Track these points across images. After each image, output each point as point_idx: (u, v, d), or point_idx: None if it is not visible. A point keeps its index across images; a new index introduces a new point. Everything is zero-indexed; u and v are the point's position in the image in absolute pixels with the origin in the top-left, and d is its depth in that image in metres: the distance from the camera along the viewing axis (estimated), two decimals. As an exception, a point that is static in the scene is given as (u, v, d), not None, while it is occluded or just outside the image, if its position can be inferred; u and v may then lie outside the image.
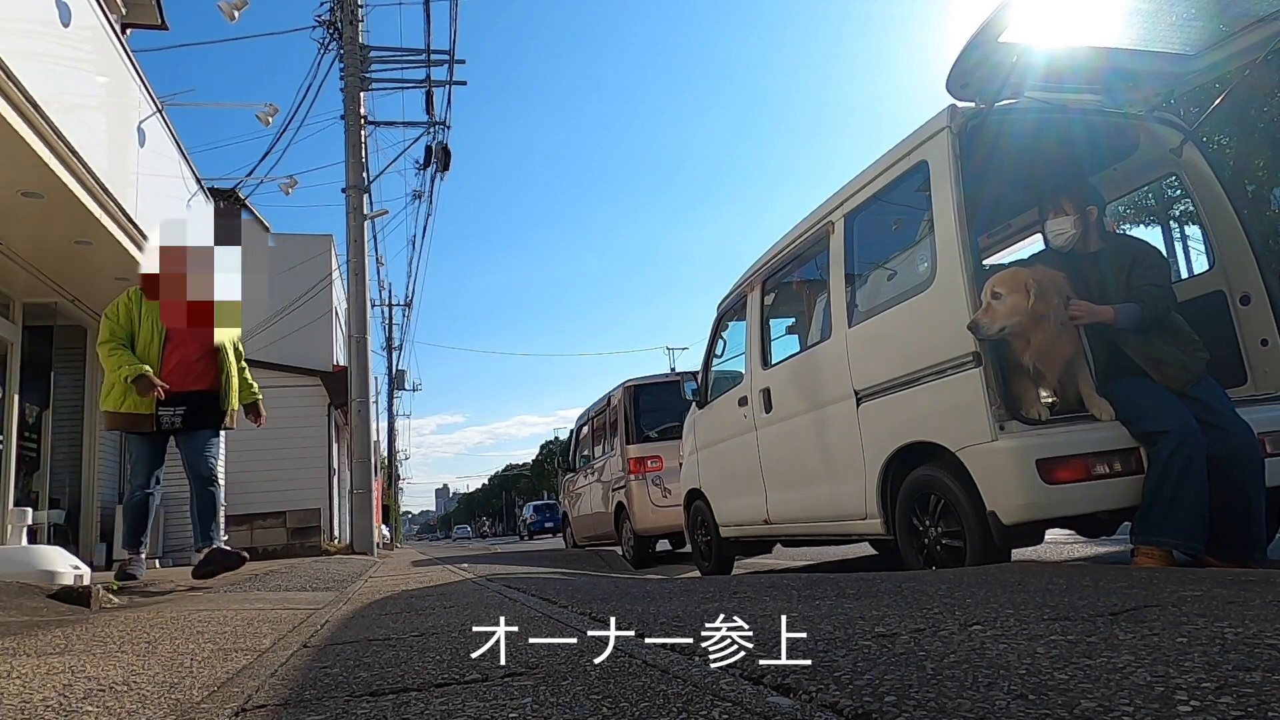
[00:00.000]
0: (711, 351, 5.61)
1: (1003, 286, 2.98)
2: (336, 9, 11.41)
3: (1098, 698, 0.97)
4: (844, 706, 1.03)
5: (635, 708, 1.15)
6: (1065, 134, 3.53)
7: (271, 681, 1.61)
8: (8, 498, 6.46)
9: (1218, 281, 3.49)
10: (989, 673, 1.14)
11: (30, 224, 5.84)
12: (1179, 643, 1.24)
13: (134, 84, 6.66)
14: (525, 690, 1.33)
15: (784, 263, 4.62)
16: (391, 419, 30.85)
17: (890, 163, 3.56)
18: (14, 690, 1.58)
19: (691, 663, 1.42)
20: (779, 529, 4.65)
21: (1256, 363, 3.35)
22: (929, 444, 3.25)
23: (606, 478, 9.20)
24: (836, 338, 3.88)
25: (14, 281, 6.71)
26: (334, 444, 15.56)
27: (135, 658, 1.99)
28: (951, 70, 3.09)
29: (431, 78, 12.36)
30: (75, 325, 7.98)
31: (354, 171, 11.06)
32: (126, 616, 3.05)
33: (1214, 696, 0.94)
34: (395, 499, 32.08)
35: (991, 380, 2.94)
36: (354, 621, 2.71)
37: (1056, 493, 2.80)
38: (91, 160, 5.42)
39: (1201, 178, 3.52)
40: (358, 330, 10.95)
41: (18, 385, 6.71)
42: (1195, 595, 1.73)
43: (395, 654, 1.85)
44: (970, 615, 1.64)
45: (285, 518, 11.95)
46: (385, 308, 28.31)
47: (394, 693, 1.41)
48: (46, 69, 4.85)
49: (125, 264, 6.69)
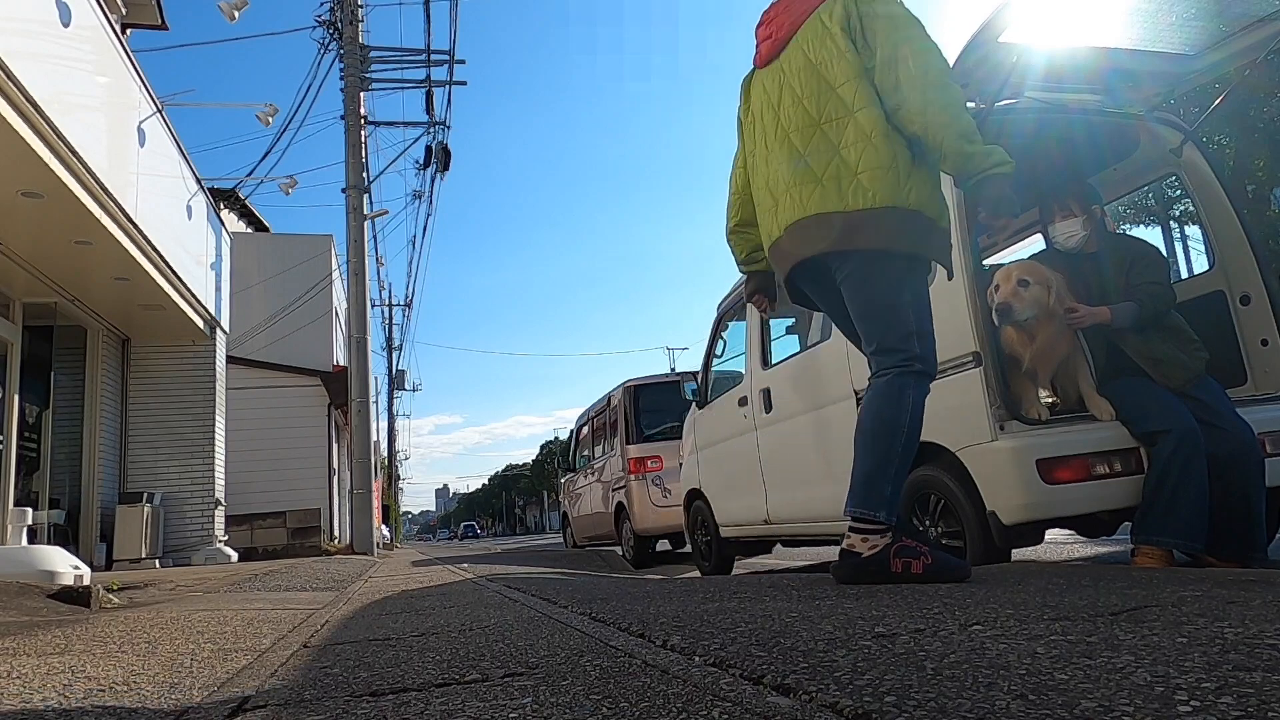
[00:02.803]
0: (711, 351, 5.61)
1: (1030, 276, 3.03)
2: (336, 9, 11.42)
3: (1098, 698, 0.97)
4: (844, 706, 1.03)
5: (635, 708, 1.15)
6: (1065, 134, 3.52)
7: (271, 681, 1.61)
8: (8, 498, 6.46)
9: (1218, 281, 3.49)
10: (989, 673, 1.14)
11: (30, 224, 5.84)
12: (1179, 643, 1.24)
13: (134, 84, 6.66)
14: (525, 690, 1.33)
15: (784, 263, 4.61)
16: (391, 419, 30.91)
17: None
18: (14, 690, 1.58)
19: (691, 663, 1.42)
20: (779, 529, 4.65)
21: (1256, 363, 3.35)
22: (929, 444, 3.25)
23: (606, 478, 9.20)
24: (837, 338, 3.88)
25: (14, 281, 6.71)
26: (334, 444, 15.57)
27: (135, 658, 1.99)
28: (952, 70, 3.09)
29: (431, 78, 12.39)
30: (75, 325, 7.98)
31: (354, 171, 11.07)
32: (126, 616, 3.05)
33: (1214, 696, 0.94)
34: (395, 499, 32.08)
35: (991, 380, 2.94)
36: (354, 621, 2.71)
37: (1057, 493, 2.80)
38: (91, 160, 5.43)
39: (1201, 178, 3.51)
40: (358, 330, 10.95)
41: (18, 385, 6.71)
42: (1195, 595, 1.73)
43: (395, 654, 1.85)
44: (970, 615, 1.64)
45: (285, 518, 11.95)
46: (385, 308, 28.36)
47: (394, 693, 1.41)
48: (46, 69, 4.86)
49: (125, 264, 6.70)
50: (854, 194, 2.23)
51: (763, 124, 2.50)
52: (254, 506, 11.98)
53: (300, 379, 14.86)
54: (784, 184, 2.36)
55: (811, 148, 2.30)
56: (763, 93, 2.51)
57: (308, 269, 16.64)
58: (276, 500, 12.86)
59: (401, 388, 31.14)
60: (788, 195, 2.35)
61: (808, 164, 2.29)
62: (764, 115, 2.50)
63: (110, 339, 8.60)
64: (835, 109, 2.28)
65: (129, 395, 8.94)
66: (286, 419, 14.54)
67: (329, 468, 14.92)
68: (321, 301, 16.68)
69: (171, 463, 8.97)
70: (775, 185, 2.41)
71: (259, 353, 15.06)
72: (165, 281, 7.41)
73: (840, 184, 2.25)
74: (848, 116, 2.26)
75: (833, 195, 2.26)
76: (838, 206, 2.25)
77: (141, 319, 8.35)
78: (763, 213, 2.53)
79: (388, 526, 24.24)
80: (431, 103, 12.69)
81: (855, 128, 2.25)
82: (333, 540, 13.85)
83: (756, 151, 2.55)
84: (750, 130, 2.62)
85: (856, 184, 2.23)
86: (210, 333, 9.21)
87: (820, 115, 2.31)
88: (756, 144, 2.55)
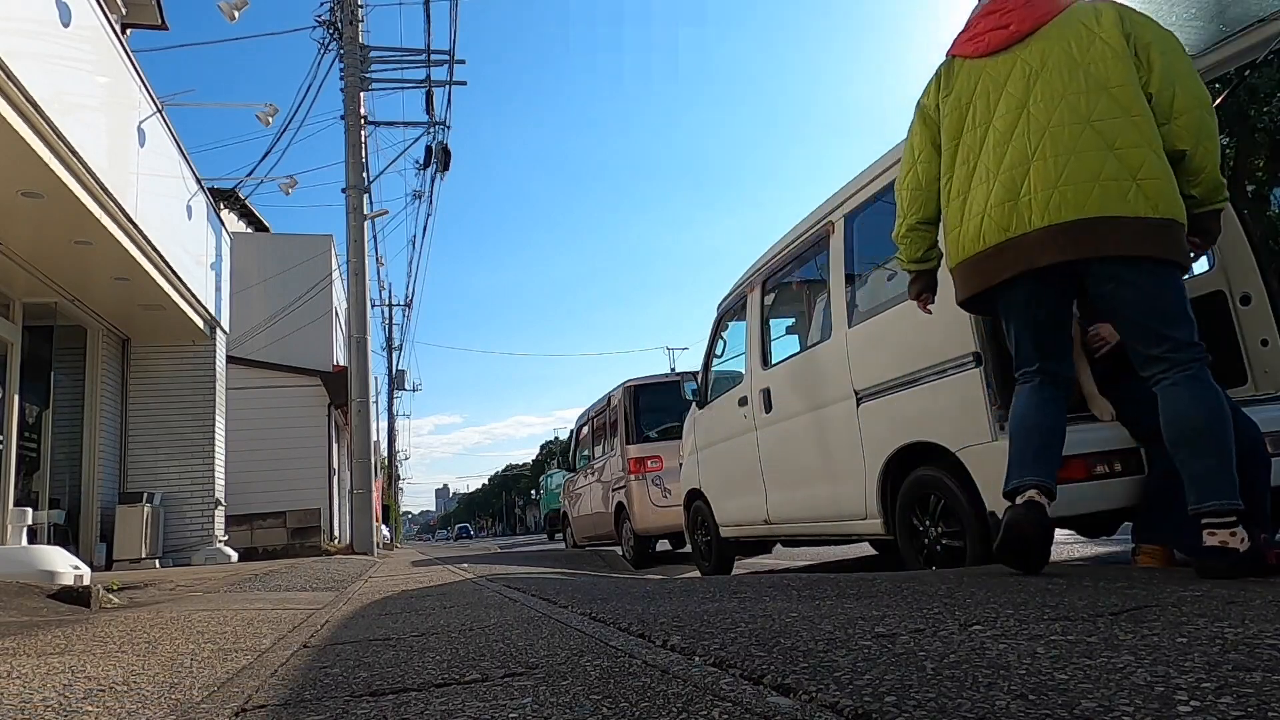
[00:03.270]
0: (711, 352, 5.61)
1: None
2: (336, 9, 11.42)
3: (1098, 698, 0.97)
4: (844, 706, 1.03)
5: (635, 708, 1.15)
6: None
7: (271, 681, 1.61)
8: (8, 498, 6.45)
9: (1218, 281, 3.48)
10: (989, 673, 1.14)
11: (30, 224, 5.84)
12: (1179, 643, 1.24)
13: (134, 84, 6.66)
14: (525, 690, 1.33)
15: (784, 263, 4.62)
16: (391, 419, 30.89)
17: (891, 163, 3.55)
18: (14, 690, 1.58)
19: (691, 663, 1.42)
20: (779, 529, 4.65)
21: (1256, 363, 3.35)
22: (929, 444, 3.25)
23: (607, 478, 9.20)
24: (836, 338, 3.88)
25: (14, 281, 6.71)
26: (334, 444, 15.57)
27: (135, 658, 1.99)
28: None
29: (431, 78, 12.38)
30: (75, 325, 7.98)
31: (354, 171, 11.07)
32: (126, 616, 3.05)
33: (1214, 696, 0.94)
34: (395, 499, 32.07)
35: (992, 380, 2.95)
36: (354, 621, 2.71)
37: (1057, 493, 2.80)
38: (91, 160, 5.42)
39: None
40: (358, 330, 10.95)
41: (18, 385, 6.71)
42: (1195, 595, 1.73)
43: (395, 654, 1.85)
44: (970, 615, 1.64)
45: (285, 518, 11.95)
46: (385, 308, 28.34)
47: (394, 693, 1.41)
48: (46, 69, 4.86)
49: (125, 264, 6.70)
50: (1138, 200, 2.20)
51: (986, 111, 2.42)
52: (254, 506, 11.98)
53: (300, 379, 14.85)
54: (1041, 178, 2.29)
55: (1082, 144, 2.26)
56: (988, 80, 2.44)
57: (308, 269, 16.64)
58: (276, 500, 12.86)
59: (401, 388, 31.15)
60: (1046, 191, 2.28)
61: (1080, 160, 2.25)
62: (990, 103, 2.43)
63: (110, 339, 8.60)
64: (1109, 109, 2.26)
65: (129, 395, 8.94)
66: (286, 419, 14.54)
67: (329, 468, 14.92)
68: (321, 301, 16.68)
69: (171, 463, 8.97)
70: (1014, 177, 2.33)
71: (259, 353, 15.05)
72: (165, 281, 7.41)
73: (1122, 186, 2.22)
74: (1125, 118, 2.25)
75: (1114, 198, 2.21)
76: (1125, 211, 2.21)
77: (141, 319, 8.36)
78: (983, 204, 2.40)
79: (388, 526, 24.23)
80: (431, 103, 12.70)
81: (1135, 131, 2.24)
82: (333, 540, 13.84)
83: (970, 140, 2.45)
84: (956, 117, 2.51)
85: (1138, 190, 2.21)
86: (210, 333, 9.21)
87: (1090, 113, 2.27)
88: (973, 131, 2.45)
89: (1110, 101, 2.27)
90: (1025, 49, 2.41)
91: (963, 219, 2.49)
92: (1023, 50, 2.41)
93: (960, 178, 2.50)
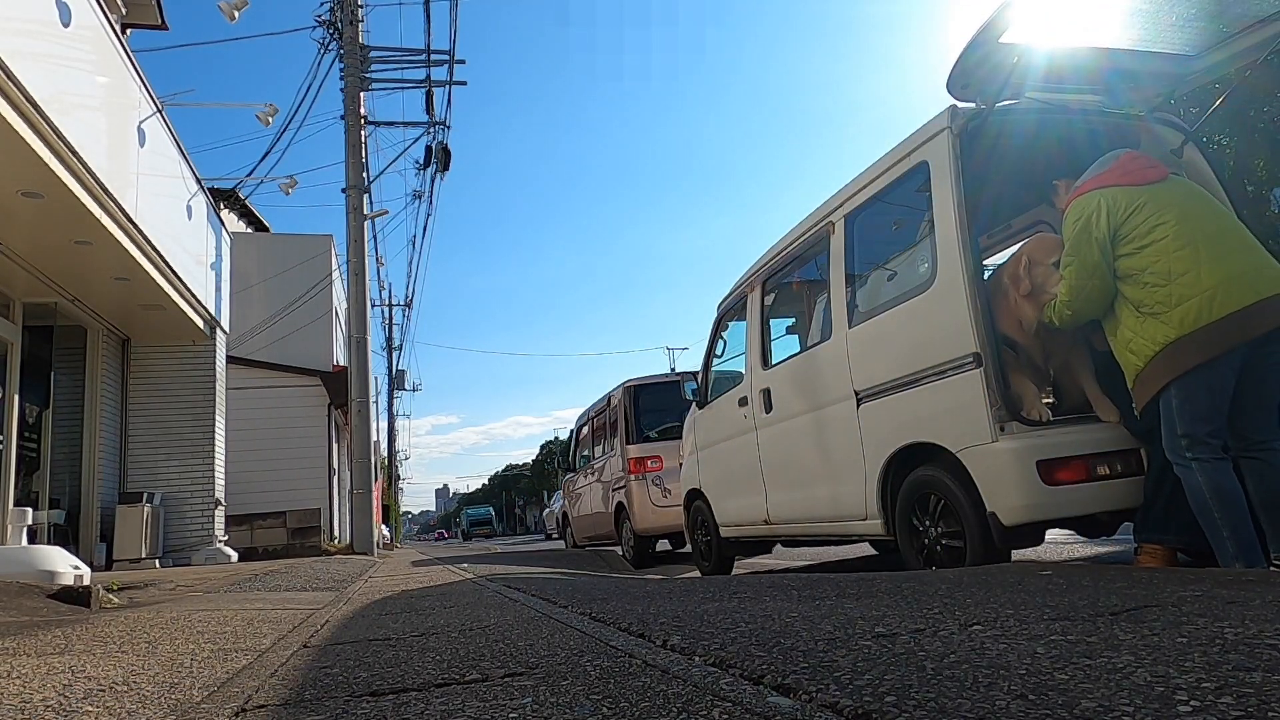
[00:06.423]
0: (711, 351, 5.61)
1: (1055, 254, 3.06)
2: (336, 9, 11.42)
3: (1098, 698, 0.97)
4: (844, 706, 1.03)
5: (635, 708, 1.15)
6: (1066, 134, 3.53)
7: (271, 681, 1.61)
8: (8, 498, 6.46)
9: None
10: (989, 673, 1.14)
11: (30, 224, 5.84)
12: (1179, 643, 1.24)
13: (134, 84, 6.66)
14: (525, 690, 1.33)
15: (784, 263, 4.62)
16: (391, 419, 30.89)
17: (891, 163, 3.56)
18: (14, 690, 1.58)
19: (691, 663, 1.42)
20: (779, 529, 4.65)
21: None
22: (929, 445, 3.25)
23: (606, 478, 9.20)
24: (837, 338, 3.88)
25: (14, 281, 6.71)
26: (334, 444, 15.57)
27: (135, 658, 1.99)
28: (952, 70, 3.10)
29: (431, 78, 12.37)
30: (75, 325, 7.98)
31: (354, 171, 11.07)
32: (126, 616, 3.05)
33: (1214, 696, 0.94)
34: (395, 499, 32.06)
35: (992, 381, 2.94)
36: (354, 621, 2.71)
37: (1057, 494, 2.80)
38: (91, 160, 5.42)
39: (1202, 178, 3.51)
40: (358, 330, 10.95)
41: (18, 385, 6.71)
42: (1195, 595, 1.73)
43: (395, 654, 1.85)
44: (970, 615, 1.64)
45: (285, 518, 11.94)
46: (385, 308, 28.34)
47: (394, 693, 1.41)
48: (46, 69, 4.86)
49: (125, 264, 6.70)
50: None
51: (1181, 213, 2.83)
52: (254, 506, 11.98)
53: (300, 379, 14.85)
54: (1250, 264, 2.73)
55: (1250, 241, 2.82)
56: (1165, 197, 2.86)
57: (307, 269, 16.64)
58: (276, 500, 12.85)
59: (401, 388, 31.15)
60: (1259, 272, 2.71)
61: (1262, 250, 2.81)
62: (1180, 210, 2.82)
63: (110, 339, 8.60)
64: (1234, 219, 2.93)
65: (129, 395, 8.94)
66: (286, 419, 14.54)
67: (329, 468, 14.92)
68: (321, 301, 16.68)
69: (171, 463, 8.97)
70: (1229, 263, 2.72)
71: (259, 353, 15.05)
72: (165, 281, 7.41)
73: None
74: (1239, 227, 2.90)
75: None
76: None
77: (141, 319, 8.36)
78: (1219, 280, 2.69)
79: (388, 526, 24.23)
80: (431, 103, 12.68)
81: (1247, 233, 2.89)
82: (333, 540, 13.84)
83: (1178, 231, 2.78)
84: (1149, 222, 2.82)
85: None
86: (210, 333, 9.21)
87: (1231, 221, 2.90)
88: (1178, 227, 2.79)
89: (1230, 215, 2.97)
90: (1168, 184, 2.92)
91: (1218, 287, 2.71)
92: (1168, 184, 2.92)
93: (1185, 258, 2.75)
